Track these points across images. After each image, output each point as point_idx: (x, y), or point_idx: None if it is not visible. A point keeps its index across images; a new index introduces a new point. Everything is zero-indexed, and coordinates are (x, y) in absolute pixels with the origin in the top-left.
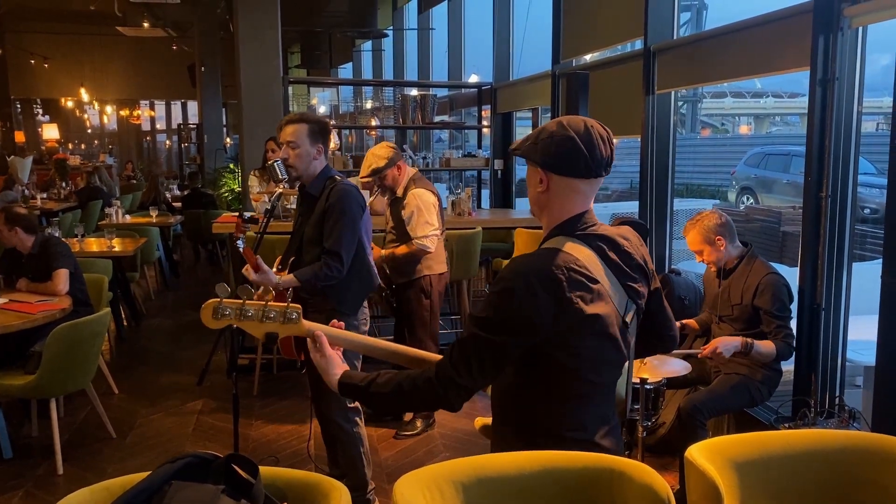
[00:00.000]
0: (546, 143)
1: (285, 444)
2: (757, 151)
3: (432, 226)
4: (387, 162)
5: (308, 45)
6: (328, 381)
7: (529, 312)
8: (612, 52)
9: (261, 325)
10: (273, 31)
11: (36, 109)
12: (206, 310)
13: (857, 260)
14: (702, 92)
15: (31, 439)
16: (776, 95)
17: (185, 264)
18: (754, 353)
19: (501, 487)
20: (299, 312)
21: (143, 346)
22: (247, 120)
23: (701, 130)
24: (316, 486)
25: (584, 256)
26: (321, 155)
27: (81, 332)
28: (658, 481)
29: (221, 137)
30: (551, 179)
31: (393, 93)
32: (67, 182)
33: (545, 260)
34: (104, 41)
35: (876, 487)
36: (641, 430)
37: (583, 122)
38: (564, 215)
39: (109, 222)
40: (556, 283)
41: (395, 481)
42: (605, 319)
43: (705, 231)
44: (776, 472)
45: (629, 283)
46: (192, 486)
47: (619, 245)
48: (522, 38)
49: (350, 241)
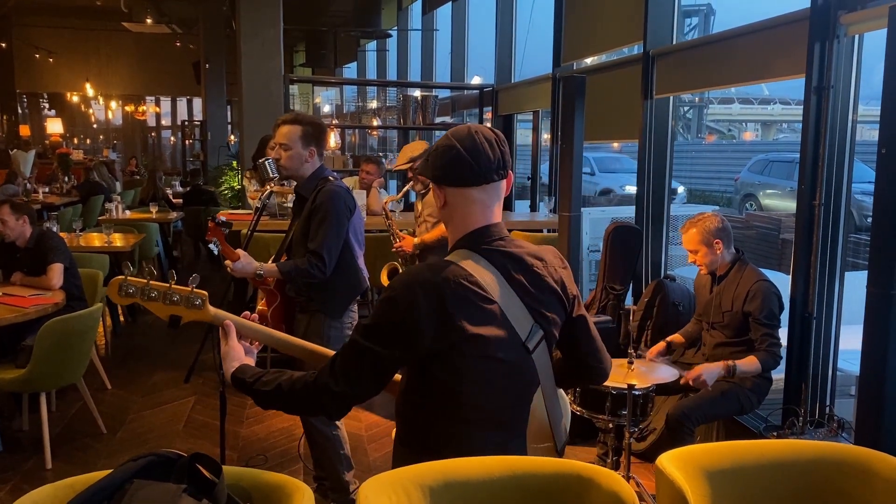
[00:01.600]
0: (434, 156)
1: (275, 443)
2: (761, 158)
3: None
4: (422, 153)
5: (313, 44)
6: (225, 372)
7: (409, 324)
8: (610, 56)
9: (165, 307)
10: (274, 29)
11: (42, 104)
12: (113, 286)
13: (855, 269)
14: (708, 97)
15: (21, 433)
16: (784, 102)
17: (185, 261)
18: (738, 373)
19: (469, 492)
20: (204, 299)
21: (138, 343)
22: (247, 117)
23: (707, 136)
24: (281, 488)
25: (481, 274)
26: (314, 157)
27: (73, 327)
28: (625, 489)
29: (225, 134)
30: (446, 192)
31: (396, 93)
32: (70, 177)
33: (435, 272)
34: (110, 37)
35: (849, 499)
36: (628, 436)
37: (467, 129)
38: (467, 228)
39: (109, 218)
40: (440, 297)
41: None
42: (495, 342)
43: (704, 232)
44: (749, 482)
45: (536, 307)
46: (154, 484)
47: (528, 265)
48: (525, 41)
49: (333, 243)
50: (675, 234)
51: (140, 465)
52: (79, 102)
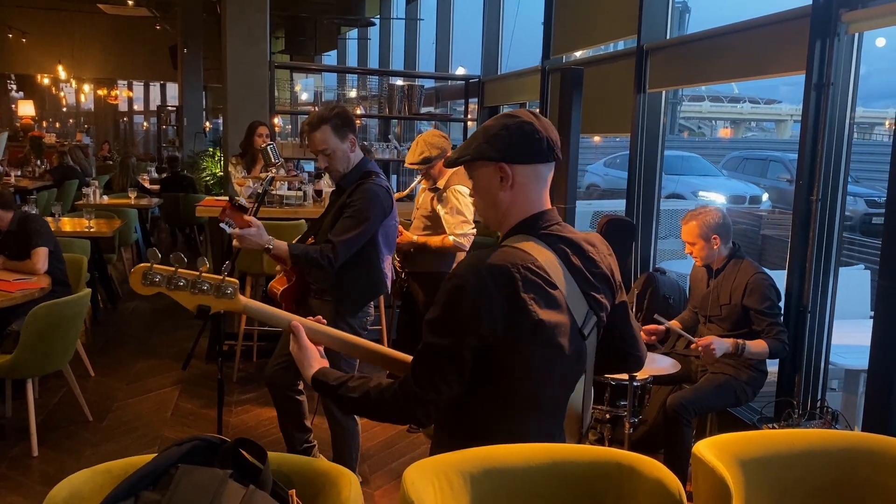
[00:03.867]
0: (502, 136)
1: (265, 432)
2: (735, 155)
3: (470, 225)
4: (439, 153)
5: (292, 31)
6: (304, 375)
7: (481, 310)
8: (602, 49)
9: (193, 297)
10: (261, 14)
11: (10, 85)
12: (136, 274)
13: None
14: (681, 94)
15: (5, 420)
16: (753, 101)
17: (162, 248)
18: (746, 353)
19: (509, 479)
20: (235, 288)
21: (119, 329)
22: (231, 103)
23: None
24: (324, 474)
25: (545, 258)
26: (355, 145)
27: (61, 313)
28: (669, 476)
29: (201, 121)
30: (515, 171)
31: (378, 82)
32: (43, 160)
33: (501, 257)
34: (84, 18)
35: (879, 488)
36: (628, 427)
37: (526, 111)
38: (529, 210)
39: (87, 203)
40: (511, 281)
41: (375, 471)
42: (559, 328)
43: (704, 226)
44: (780, 471)
45: (591, 293)
46: (200, 469)
47: (584, 250)
48: (512, 33)
49: (353, 241)
50: (664, 228)
51: (185, 450)
52: (49, 85)
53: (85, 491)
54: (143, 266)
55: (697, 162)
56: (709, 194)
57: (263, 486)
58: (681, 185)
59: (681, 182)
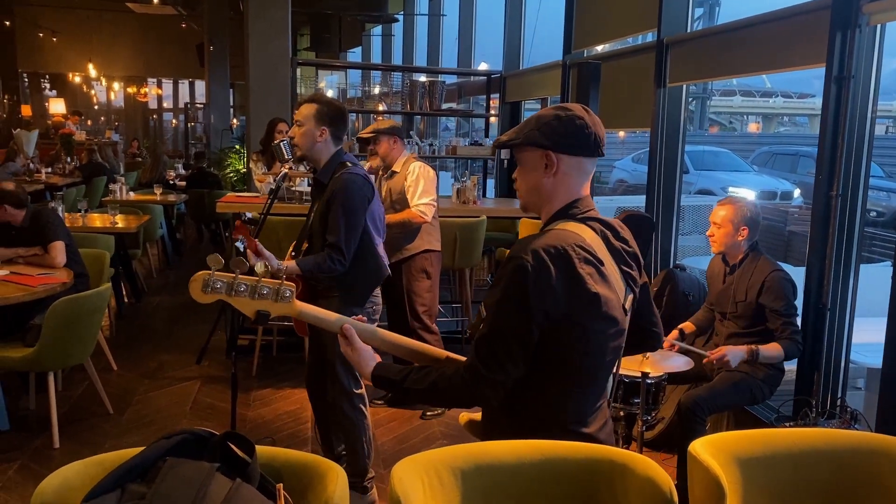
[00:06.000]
0: (553, 125)
1: (282, 426)
2: (765, 151)
3: (431, 196)
4: (387, 128)
5: (317, 28)
6: (362, 374)
7: (544, 287)
8: (622, 43)
9: (252, 303)
10: (282, 11)
11: (44, 84)
12: (196, 282)
13: (863, 262)
14: (711, 89)
15: (29, 412)
16: (786, 95)
17: (188, 243)
18: (761, 359)
19: (500, 475)
20: (293, 290)
21: (142, 324)
22: (253, 100)
23: (709, 128)
24: (313, 467)
25: (591, 238)
26: (325, 137)
27: (81, 307)
28: (661, 474)
29: (228, 118)
30: (561, 160)
31: (402, 78)
32: (73, 157)
33: (554, 237)
34: (113, 17)
35: (881, 489)
36: (641, 425)
37: (580, 106)
38: (569, 198)
39: (113, 199)
40: (568, 259)
41: (391, 467)
42: (611, 302)
43: (738, 215)
44: (780, 470)
45: (627, 269)
46: (187, 462)
47: (619, 231)
48: (534, 28)
49: (350, 234)
50: (685, 224)
51: (173, 443)
52: (80, 83)
53: (76, 482)
54: (204, 273)
55: (728, 157)
56: (739, 190)
57: (251, 479)
58: (711, 181)
59: (711, 177)
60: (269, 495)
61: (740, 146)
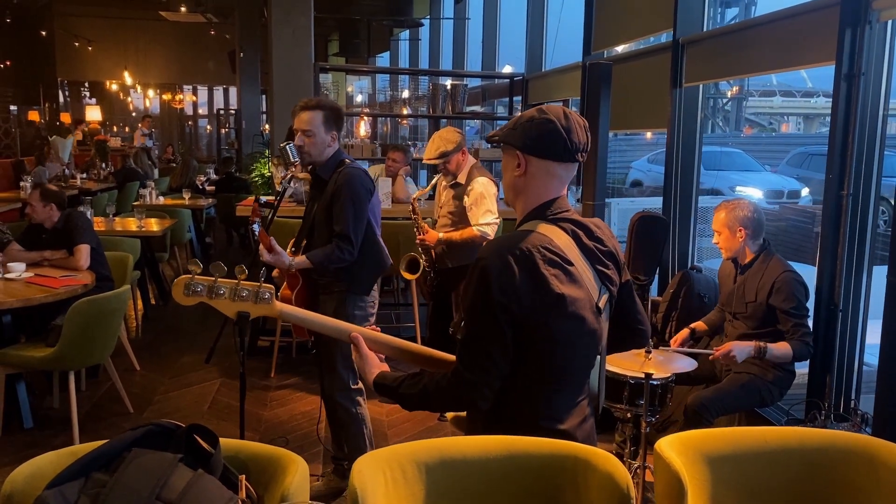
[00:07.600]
0: (526, 126)
1: (297, 426)
2: (800, 151)
3: (493, 214)
4: (455, 147)
5: (346, 33)
6: (366, 381)
7: (507, 288)
8: (639, 44)
9: (233, 304)
10: (305, 17)
11: (83, 92)
12: (178, 286)
13: (878, 263)
14: (748, 89)
15: (52, 411)
16: (827, 95)
17: (217, 247)
18: (768, 356)
19: (465, 470)
20: (272, 293)
21: (168, 325)
22: (277, 105)
23: (745, 129)
24: (276, 460)
25: (560, 238)
26: (335, 141)
27: (101, 307)
28: (619, 469)
29: (259, 123)
30: (529, 162)
31: (427, 82)
32: (107, 163)
33: (519, 239)
34: (148, 25)
35: (852, 489)
36: (644, 426)
37: (562, 109)
38: (539, 199)
39: (143, 203)
40: (532, 260)
41: None
42: (579, 302)
43: (732, 217)
44: (750, 469)
45: (601, 268)
46: (151, 453)
47: (592, 231)
48: (556, 30)
49: (358, 224)
50: (703, 226)
51: (139, 434)
52: (117, 91)
53: (48, 471)
54: (185, 277)
55: (739, 157)
56: (745, 189)
57: (213, 470)
58: (719, 181)
59: (720, 177)
60: (232, 486)
61: (774, 147)
